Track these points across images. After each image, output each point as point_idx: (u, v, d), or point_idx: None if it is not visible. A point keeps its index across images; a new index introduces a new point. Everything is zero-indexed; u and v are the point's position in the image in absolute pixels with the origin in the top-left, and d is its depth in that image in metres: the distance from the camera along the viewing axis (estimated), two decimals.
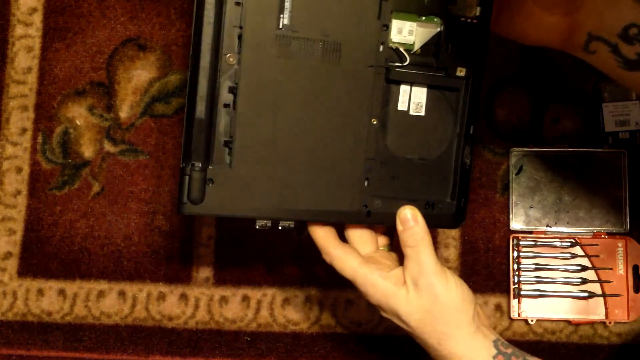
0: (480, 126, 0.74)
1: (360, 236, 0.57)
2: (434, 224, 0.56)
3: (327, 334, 0.72)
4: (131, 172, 0.76)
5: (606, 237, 0.70)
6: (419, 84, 0.55)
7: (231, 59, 0.52)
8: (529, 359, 0.53)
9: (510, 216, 0.71)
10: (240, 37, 0.51)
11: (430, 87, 0.55)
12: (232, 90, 0.52)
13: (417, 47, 0.55)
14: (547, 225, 0.71)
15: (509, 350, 0.53)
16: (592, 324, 0.69)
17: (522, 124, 0.74)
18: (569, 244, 0.70)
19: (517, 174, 0.72)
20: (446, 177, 0.56)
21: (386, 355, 0.71)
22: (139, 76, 0.78)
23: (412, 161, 0.56)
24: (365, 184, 0.55)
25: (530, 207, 0.71)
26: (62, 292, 0.74)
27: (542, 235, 0.71)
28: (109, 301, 0.74)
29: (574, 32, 0.53)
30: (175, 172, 0.76)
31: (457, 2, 0.55)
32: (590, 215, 0.71)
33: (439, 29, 0.55)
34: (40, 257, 0.75)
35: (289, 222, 0.54)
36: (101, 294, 0.74)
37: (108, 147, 0.77)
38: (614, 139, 0.71)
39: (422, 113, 0.56)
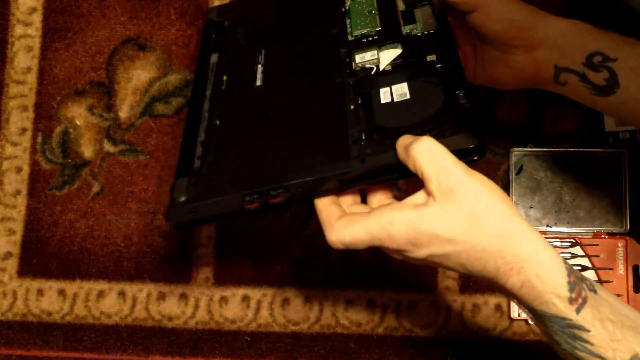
0: (480, 126, 0.74)
1: (354, 200, 0.50)
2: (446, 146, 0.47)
3: (327, 334, 0.72)
4: (131, 172, 0.76)
5: (606, 237, 0.70)
6: (396, 82, 0.54)
7: (217, 122, 0.57)
8: (583, 275, 0.44)
9: None
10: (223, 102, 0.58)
11: (408, 80, 0.54)
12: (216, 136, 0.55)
13: (383, 64, 0.57)
14: (547, 225, 0.71)
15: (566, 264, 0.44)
16: None
17: (522, 124, 0.74)
18: (569, 244, 0.70)
19: (517, 174, 0.72)
20: (446, 120, 0.50)
21: (386, 355, 0.71)
22: (138, 76, 0.78)
23: (406, 126, 0.50)
24: (354, 144, 0.50)
25: (530, 207, 0.71)
26: (62, 292, 0.74)
27: (542, 235, 0.71)
28: (109, 301, 0.74)
29: (541, 68, 0.55)
30: None
31: (411, 30, 0.58)
32: (590, 215, 0.71)
33: (400, 50, 0.57)
34: (40, 257, 0.75)
35: (279, 198, 0.49)
36: (101, 294, 0.74)
37: (108, 147, 0.77)
38: (614, 139, 0.71)
39: (408, 97, 0.53)
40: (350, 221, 0.46)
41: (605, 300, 0.43)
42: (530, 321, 0.70)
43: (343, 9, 0.63)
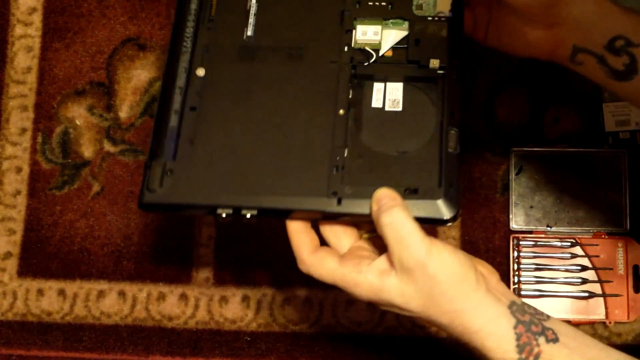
0: (480, 126, 0.74)
1: (333, 231, 0.51)
2: (417, 213, 0.47)
3: (327, 334, 0.72)
4: (131, 172, 0.76)
5: (606, 237, 0.70)
6: (393, 79, 0.53)
7: (199, 71, 0.54)
8: (547, 325, 0.47)
9: (511, 216, 0.71)
10: (208, 51, 0.54)
11: (405, 82, 0.53)
12: (199, 94, 0.53)
13: (385, 48, 0.54)
14: (547, 225, 0.71)
15: (527, 318, 0.46)
16: (592, 324, 0.69)
17: (522, 124, 0.74)
18: (569, 244, 0.70)
19: (517, 174, 0.72)
20: (431, 166, 0.50)
21: (386, 355, 0.71)
22: (138, 76, 0.78)
23: (391, 154, 0.51)
24: (334, 171, 0.50)
25: (531, 207, 0.71)
26: (62, 292, 0.74)
27: (542, 236, 0.71)
28: (109, 301, 0.74)
29: (559, 45, 0.53)
30: None
31: (423, 7, 0.55)
32: (590, 215, 0.71)
33: (406, 32, 0.54)
34: (40, 257, 0.75)
35: (251, 211, 0.49)
36: (101, 294, 0.74)
37: (108, 147, 0.77)
38: (614, 139, 0.71)
39: (400, 108, 0.52)
40: (320, 264, 0.49)
41: (567, 348, 0.45)
42: None
43: None
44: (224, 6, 0.56)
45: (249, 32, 0.55)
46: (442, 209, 0.48)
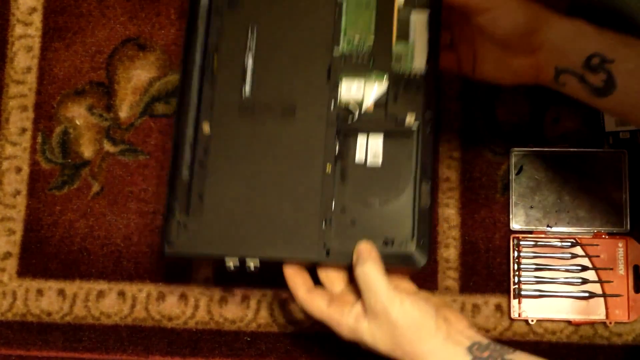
0: (480, 126, 0.74)
1: (327, 276, 0.59)
2: (393, 261, 0.57)
3: (327, 334, 0.72)
4: (131, 172, 0.76)
5: (606, 237, 0.70)
6: (373, 133, 0.60)
7: (205, 128, 0.61)
8: (508, 357, 0.52)
9: (511, 216, 0.71)
10: (212, 108, 0.61)
11: (385, 136, 0.59)
12: (205, 151, 0.61)
13: (367, 102, 0.60)
14: (548, 226, 0.71)
15: (485, 354, 0.52)
16: (592, 324, 0.69)
17: (522, 124, 0.74)
18: (569, 244, 0.70)
19: (517, 174, 0.72)
20: (406, 218, 0.58)
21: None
22: (138, 76, 0.78)
23: (372, 207, 0.59)
24: (323, 226, 0.58)
25: (531, 207, 0.71)
26: (61, 292, 0.74)
27: (543, 236, 0.71)
28: (109, 301, 0.74)
29: (542, 69, 0.56)
30: None
31: (401, 60, 0.61)
32: (590, 215, 0.71)
33: (386, 86, 0.60)
34: (39, 257, 0.75)
35: (254, 262, 0.58)
36: (101, 294, 0.74)
37: (108, 147, 0.77)
38: (615, 139, 0.71)
39: (379, 164, 0.59)
40: (312, 303, 0.57)
41: None
42: (530, 321, 0.70)
43: None
44: (225, 63, 0.62)
45: (247, 90, 0.61)
46: (414, 259, 0.57)
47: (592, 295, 0.69)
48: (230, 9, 0.63)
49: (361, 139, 0.60)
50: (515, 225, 0.71)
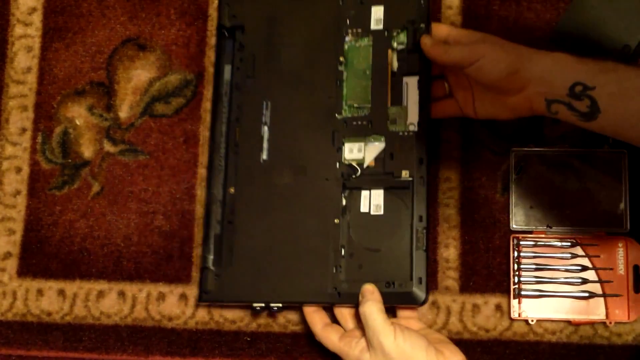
0: (480, 126, 0.74)
1: (341, 314, 0.68)
2: (395, 300, 0.66)
3: None
4: (131, 172, 0.76)
5: (606, 237, 0.70)
6: (375, 188, 0.69)
7: (231, 190, 0.71)
8: None
9: (511, 216, 0.71)
10: (236, 172, 0.72)
11: (384, 189, 0.68)
12: (232, 210, 0.71)
13: (368, 161, 0.69)
14: (548, 226, 0.71)
15: None
16: (592, 324, 0.69)
17: (522, 124, 0.74)
18: (569, 244, 0.70)
19: (517, 174, 0.72)
20: (404, 261, 0.67)
21: None
22: (138, 76, 0.78)
23: (376, 251, 0.68)
24: (334, 270, 0.68)
25: (531, 207, 0.71)
26: (61, 292, 0.74)
27: (543, 236, 0.71)
28: (109, 301, 0.74)
29: (534, 102, 0.61)
30: (175, 172, 0.76)
31: (396, 122, 0.69)
32: (590, 215, 0.71)
33: (384, 145, 0.69)
34: (40, 257, 0.75)
35: (277, 305, 0.68)
36: (101, 294, 0.74)
37: (108, 147, 0.77)
38: (615, 139, 0.71)
39: (381, 212, 0.68)
40: (327, 337, 0.66)
41: None
42: (530, 321, 0.70)
43: (340, 66, 0.72)
44: (245, 132, 0.72)
45: (264, 156, 0.71)
46: (414, 296, 0.66)
47: (592, 295, 0.69)
48: (248, 88, 0.73)
49: (364, 192, 0.69)
50: (515, 225, 0.71)
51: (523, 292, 0.70)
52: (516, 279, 0.70)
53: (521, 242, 0.71)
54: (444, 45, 0.65)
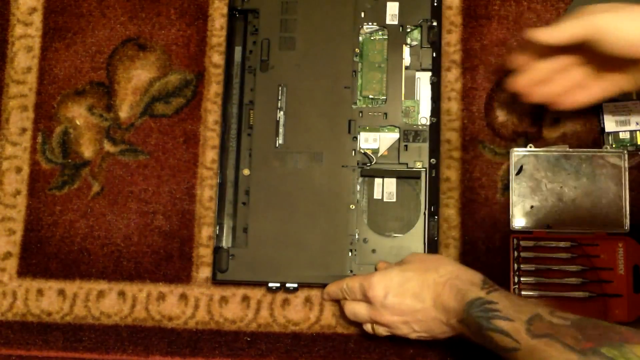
0: (480, 126, 0.74)
1: (351, 290, 0.67)
2: None
3: (327, 334, 0.72)
4: (131, 172, 0.76)
5: (606, 237, 0.70)
6: (388, 177, 0.72)
7: (245, 172, 0.73)
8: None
9: (511, 216, 0.71)
10: (250, 155, 0.73)
11: (397, 178, 0.72)
12: (247, 192, 0.72)
13: (382, 150, 0.73)
14: (548, 226, 0.71)
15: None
16: None
17: (522, 124, 0.74)
18: (570, 244, 0.70)
19: (517, 174, 0.72)
20: (417, 247, 0.70)
21: (386, 355, 0.71)
22: (138, 76, 0.78)
23: (389, 237, 0.71)
24: (349, 254, 0.71)
25: (531, 207, 0.71)
26: (61, 292, 0.74)
27: (543, 236, 0.71)
28: (109, 301, 0.74)
29: None
30: (175, 172, 0.76)
31: (409, 114, 0.73)
32: (590, 216, 0.71)
33: (398, 136, 0.73)
34: (40, 257, 0.75)
35: (292, 285, 0.71)
36: (101, 294, 0.74)
37: (108, 147, 0.77)
38: (615, 139, 0.71)
39: (394, 199, 0.72)
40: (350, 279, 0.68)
41: (511, 294, 0.60)
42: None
43: (355, 56, 0.74)
44: (260, 116, 0.73)
45: (280, 140, 0.73)
46: None
47: (592, 295, 0.69)
48: (262, 72, 0.74)
49: (378, 180, 0.72)
50: (515, 225, 0.71)
51: (523, 293, 0.70)
52: (516, 279, 0.70)
53: (521, 243, 0.71)
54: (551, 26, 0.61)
